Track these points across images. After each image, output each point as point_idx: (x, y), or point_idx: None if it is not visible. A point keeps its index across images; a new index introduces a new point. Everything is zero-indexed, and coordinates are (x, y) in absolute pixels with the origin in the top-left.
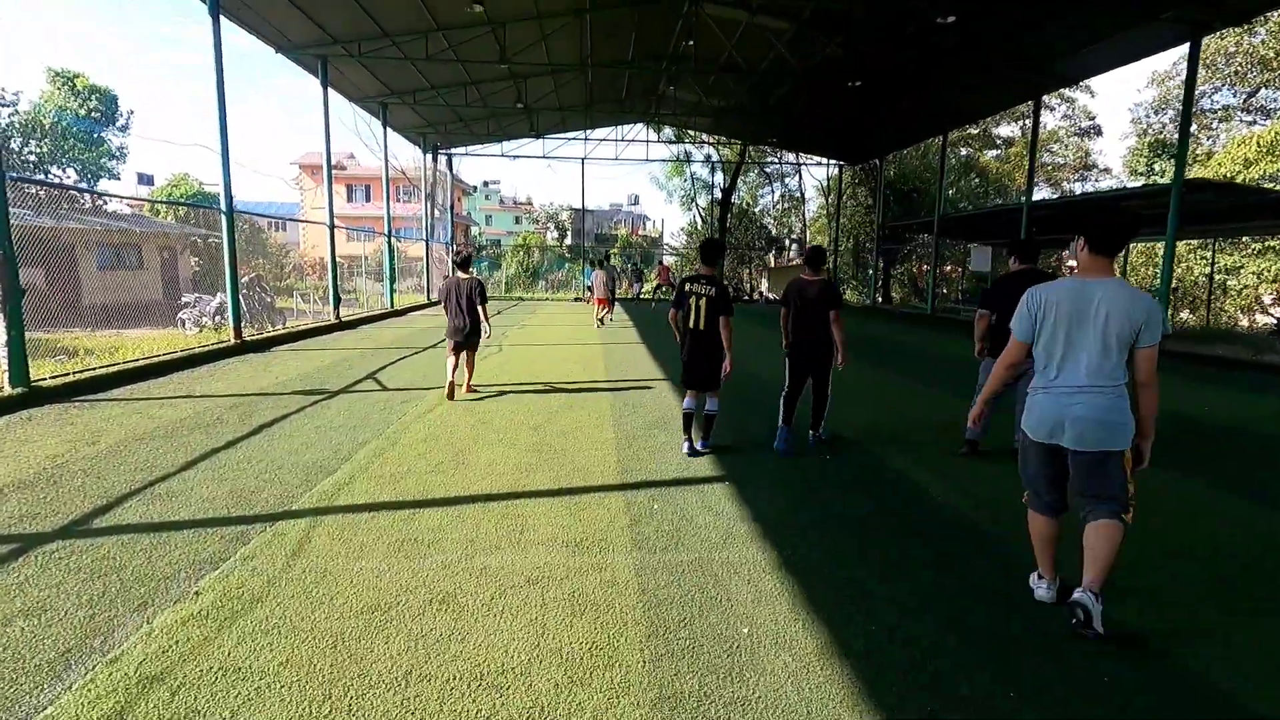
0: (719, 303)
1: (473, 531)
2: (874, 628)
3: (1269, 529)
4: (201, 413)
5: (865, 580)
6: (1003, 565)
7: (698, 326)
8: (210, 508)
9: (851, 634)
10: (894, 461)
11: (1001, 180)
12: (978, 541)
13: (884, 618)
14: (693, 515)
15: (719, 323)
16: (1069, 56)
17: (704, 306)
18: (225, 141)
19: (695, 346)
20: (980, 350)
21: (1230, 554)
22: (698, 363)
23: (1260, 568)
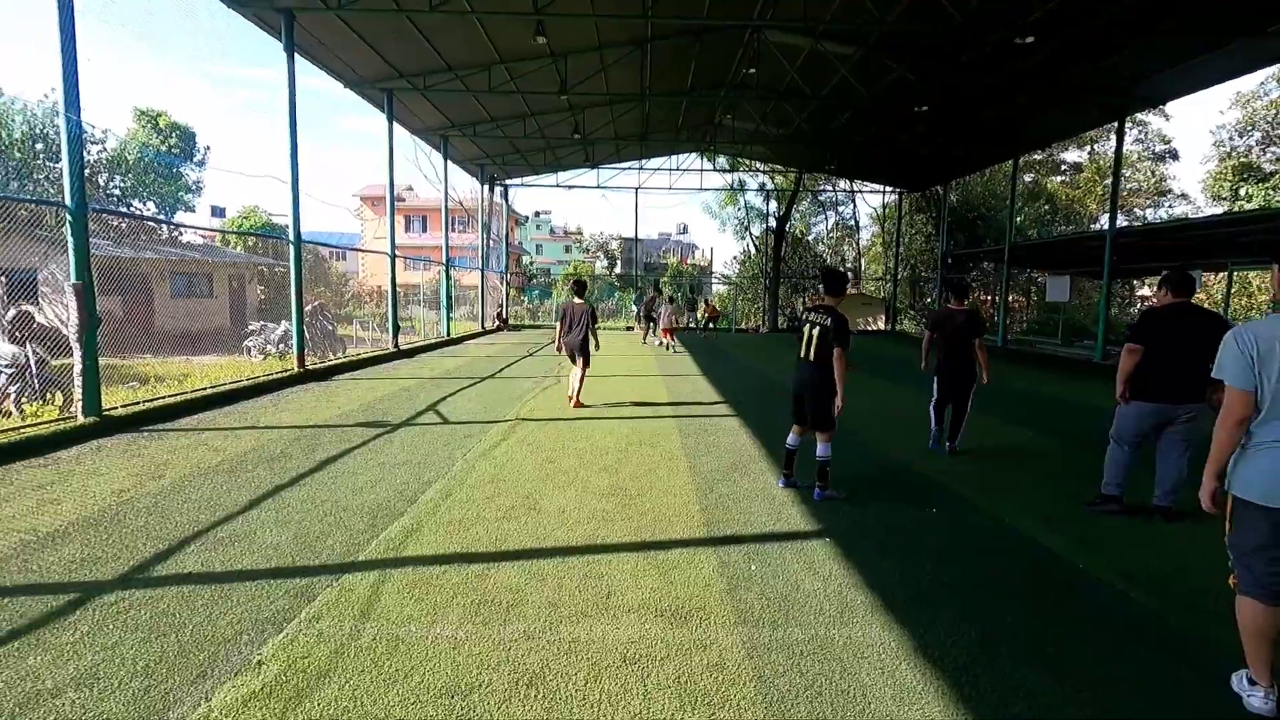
0: (834, 334)
1: (554, 593)
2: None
3: None
4: (265, 445)
5: (1024, 677)
6: (1189, 660)
7: (807, 357)
8: (274, 555)
9: None
10: (1009, 517)
11: (1072, 206)
12: (1145, 627)
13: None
14: (798, 580)
15: (831, 355)
16: (1156, 76)
17: (816, 336)
18: (295, 173)
19: (803, 379)
20: (1123, 392)
21: None
22: (804, 397)
23: None
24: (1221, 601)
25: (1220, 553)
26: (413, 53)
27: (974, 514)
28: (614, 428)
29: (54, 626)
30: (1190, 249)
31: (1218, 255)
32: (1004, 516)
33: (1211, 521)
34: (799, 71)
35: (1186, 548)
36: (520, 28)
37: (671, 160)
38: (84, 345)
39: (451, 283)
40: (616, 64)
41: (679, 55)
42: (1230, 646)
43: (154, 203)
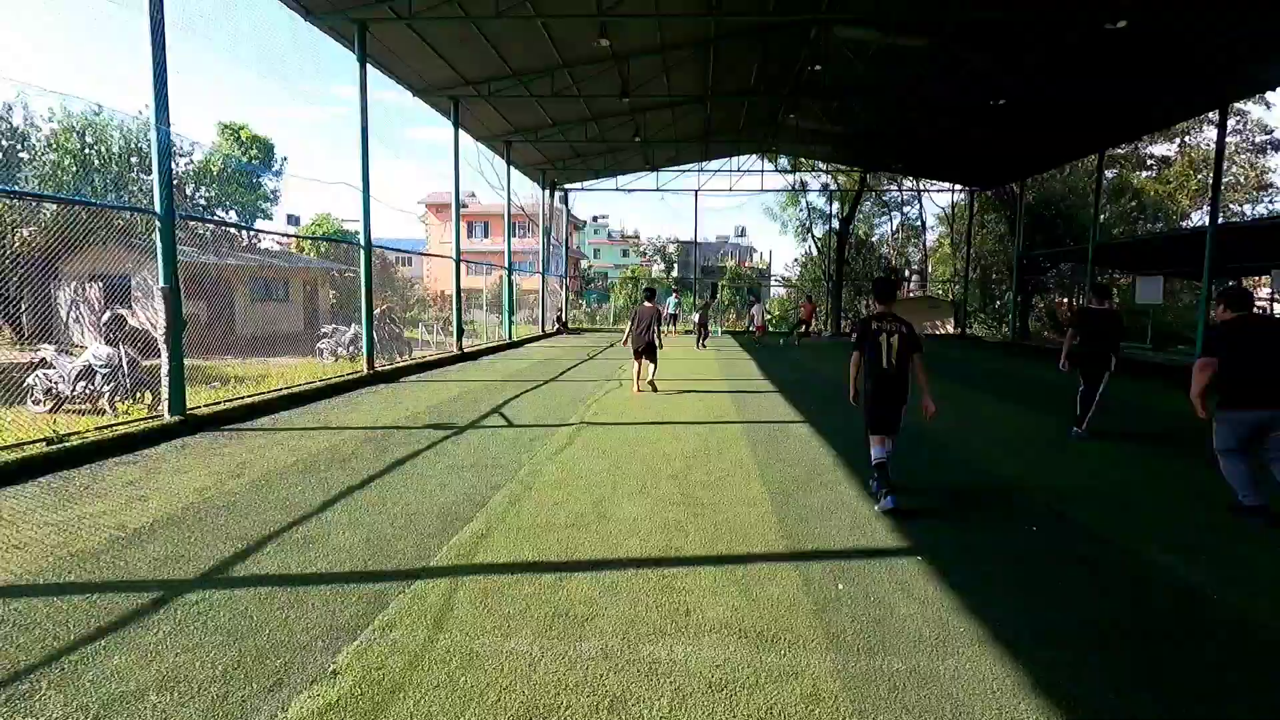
0: (911, 340)
1: (630, 608)
2: None
3: None
4: (338, 445)
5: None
6: None
7: (890, 368)
8: (348, 559)
9: None
10: (1122, 537)
11: (1161, 202)
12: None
13: None
14: (892, 603)
15: (908, 361)
16: (1264, 57)
17: (896, 345)
18: (366, 180)
19: (887, 388)
20: (1204, 407)
21: None
22: (890, 406)
23: None
24: None
25: None
26: (478, 59)
27: (1083, 535)
28: (679, 433)
29: (139, 625)
30: None
31: None
32: (1120, 538)
33: None
34: (866, 66)
35: None
36: (583, 30)
37: (732, 162)
38: (170, 347)
39: (513, 287)
40: (679, 65)
41: (742, 55)
42: None
43: (235, 211)
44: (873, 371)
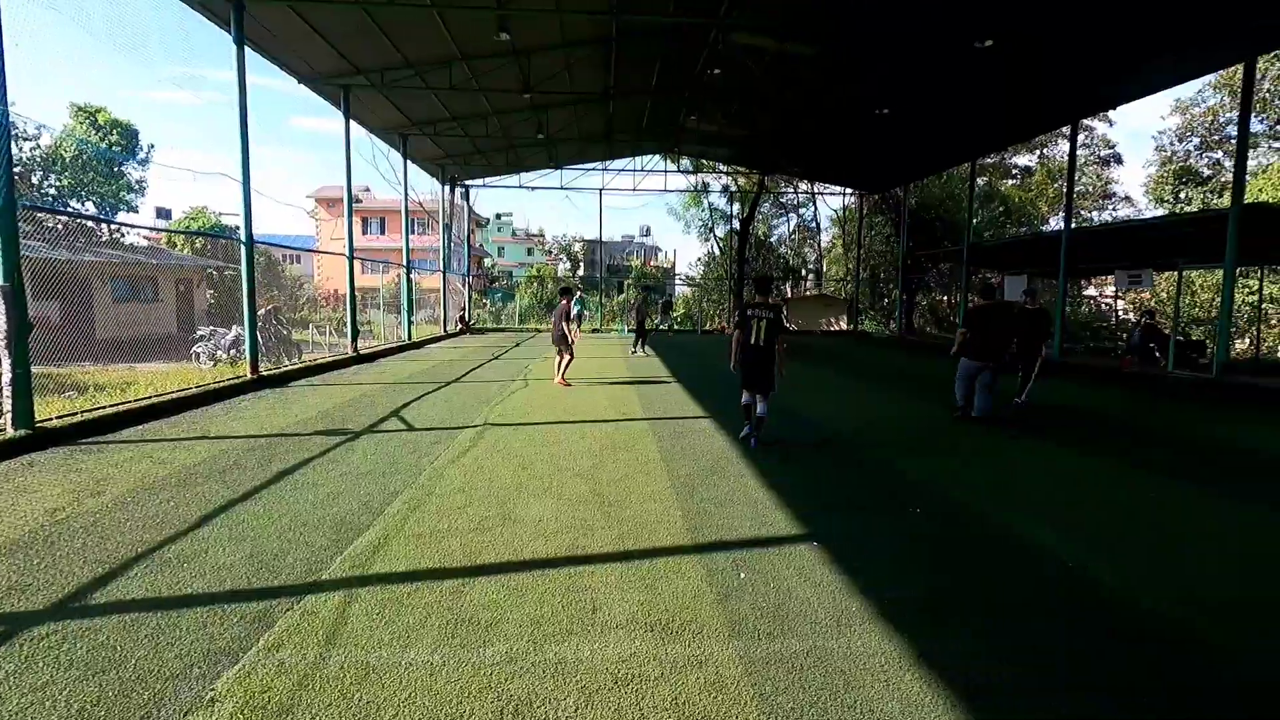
0: (776, 324)
1: (536, 610)
2: None
3: None
4: (217, 456)
5: (1044, 694)
6: (1198, 655)
7: (758, 343)
8: (228, 577)
9: None
10: (995, 514)
11: (1024, 208)
12: (1166, 634)
13: None
14: (790, 588)
15: (774, 340)
16: (1111, 78)
17: (764, 327)
18: (246, 171)
19: (755, 358)
20: (956, 353)
21: None
22: (755, 371)
23: None
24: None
25: None
26: (371, 47)
27: (964, 514)
28: (586, 430)
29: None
30: (1142, 248)
31: (1164, 255)
32: (997, 518)
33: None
34: (764, 73)
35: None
36: (483, 24)
37: (635, 161)
38: (14, 353)
39: (413, 285)
40: (580, 63)
41: (644, 55)
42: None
43: (93, 203)
44: (746, 345)
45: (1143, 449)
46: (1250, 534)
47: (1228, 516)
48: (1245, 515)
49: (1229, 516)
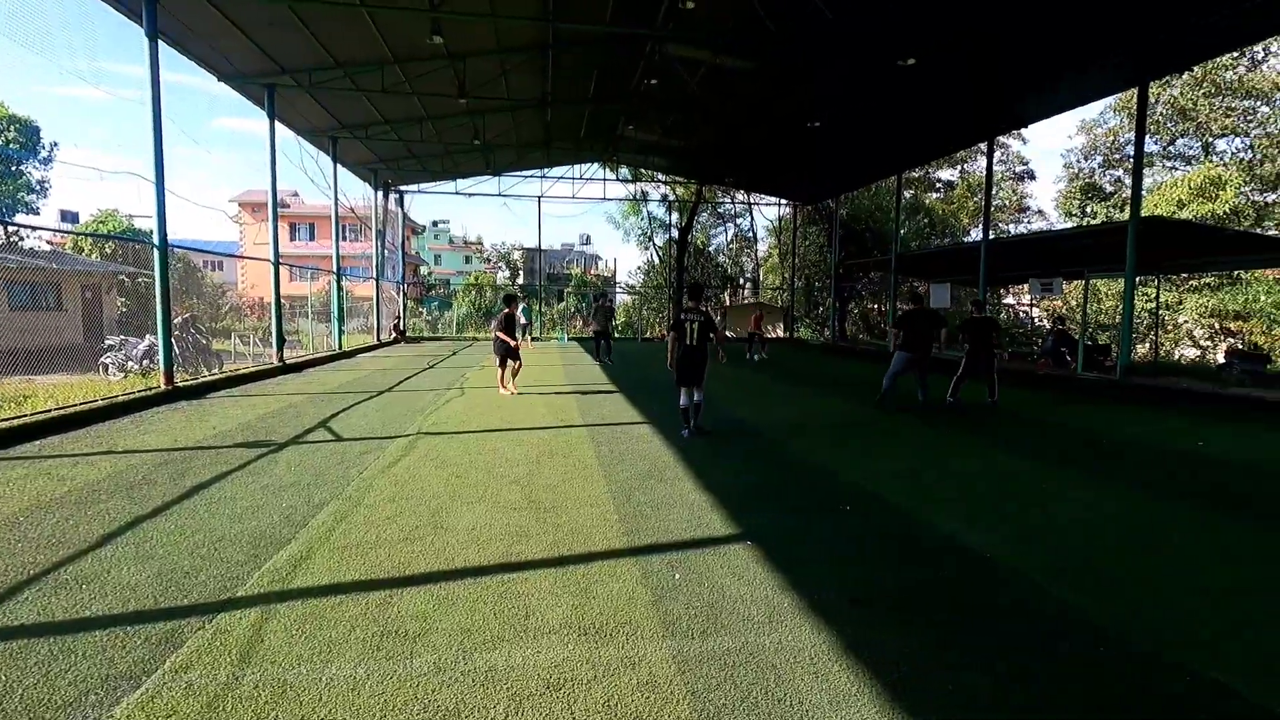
0: (707, 325)
1: (467, 619)
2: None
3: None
4: (124, 472)
5: (955, 675)
6: (1118, 645)
7: (692, 343)
8: (133, 597)
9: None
10: (928, 516)
11: (947, 220)
12: (1062, 616)
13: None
14: (724, 587)
15: (708, 338)
16: (1022, 98)
17: (696, 329)
18: (160, 170)
19: (690, 358)
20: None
21: None
22: (690, 369)
23: None
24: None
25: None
26: (297, 46)
27: (889, 511)
28: (523, 438)
29: None
30: (1053, 258)
31: (1073, 265)
32: (919, 514)
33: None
34: (699, 84)
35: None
36: (415, 26)
37: (574, 169)
38: None
39: (343, 293)
40: (517, 69)
41: (581, 64)
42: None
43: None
44: (681, 345)
45: (1040, 440)
46: (1127, 513)
47: (1113, 501)
48: (1123, 497)
49: (1114, 501)
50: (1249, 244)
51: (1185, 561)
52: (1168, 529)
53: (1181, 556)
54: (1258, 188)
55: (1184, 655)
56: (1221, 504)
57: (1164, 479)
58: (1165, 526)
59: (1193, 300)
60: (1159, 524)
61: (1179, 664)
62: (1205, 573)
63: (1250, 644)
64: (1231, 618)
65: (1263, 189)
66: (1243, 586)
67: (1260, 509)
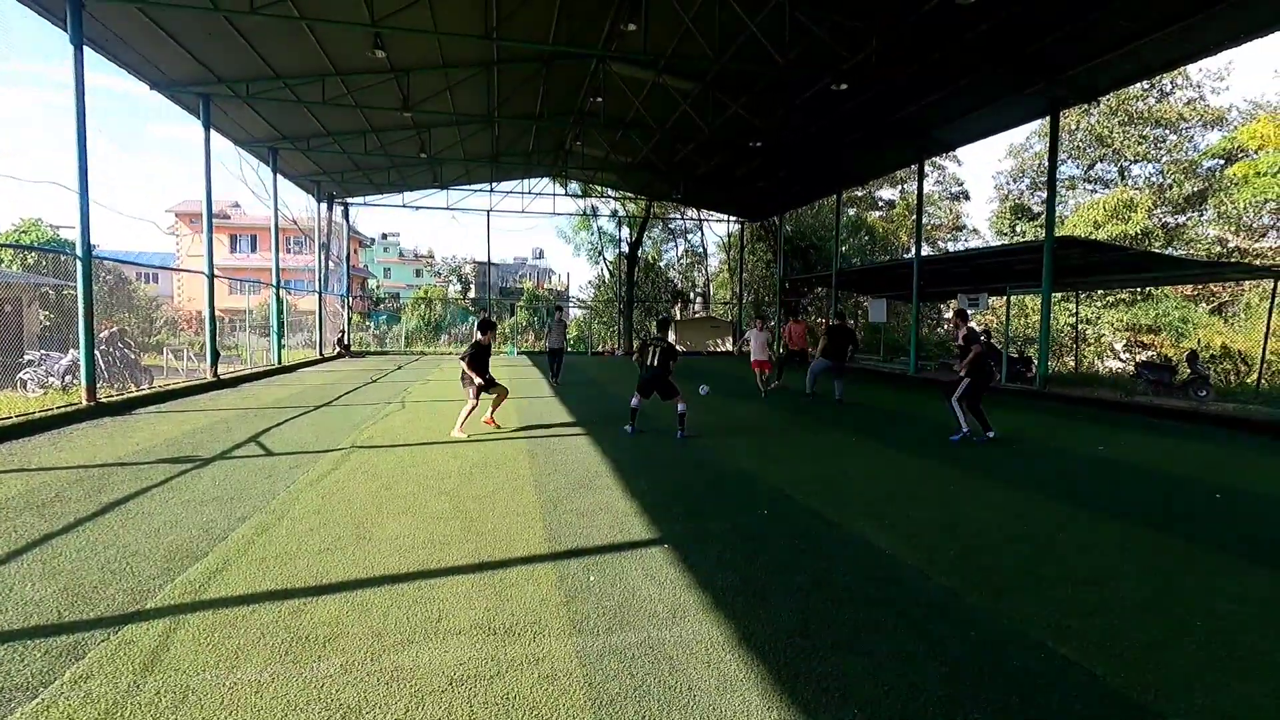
0: (668, 352)
1: (379, 623)
2: (858, 713)
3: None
4: (36, 489)
5: (836, 661)
6: (981, 629)
7: (653, 364)
8: (35, 612)
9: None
10: (838, 517)
11: (888, 238)
12: (939, 604)
13: (867, 699)
14: (635, 587)
15: (666, 363)
16: (948, 124)
17: (656, 355)
18: (84, 178)
19: (650, 377)
20: (811, 355)
21: None
22: (649, 384)
23: None
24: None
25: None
26: (233, 56)
27: (804, 514)
28: (458, 451)
29: None
30: (980, 275)
31: (1000, 281)
32: (832, 516)
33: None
34: (644, 103)
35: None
36: (357, 39)
37: (524, 184)
38: None
39: (284, 307)
40: (463, 84)
41: (528, 80)
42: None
43: None
44: (641, 368)
45: (958, 447)
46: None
47: (997, 494)
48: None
49: (999, 494)
50: (1152, 262)
51: (1056, 554)
52: (1051, 526)
53: (1058, 550)
54: (1168, 210)
55: (1041, 634)
56: (1110, 505)
57: (1058, 479)
58: (1050, 523)
59: (1110, 315)
60: (1047, 521)
61: (1039, 642)
62: (1069, 563)
63: (1105, 629)
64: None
65: (1173, 211)
66: (1105, 577)
67: (1147, 511)
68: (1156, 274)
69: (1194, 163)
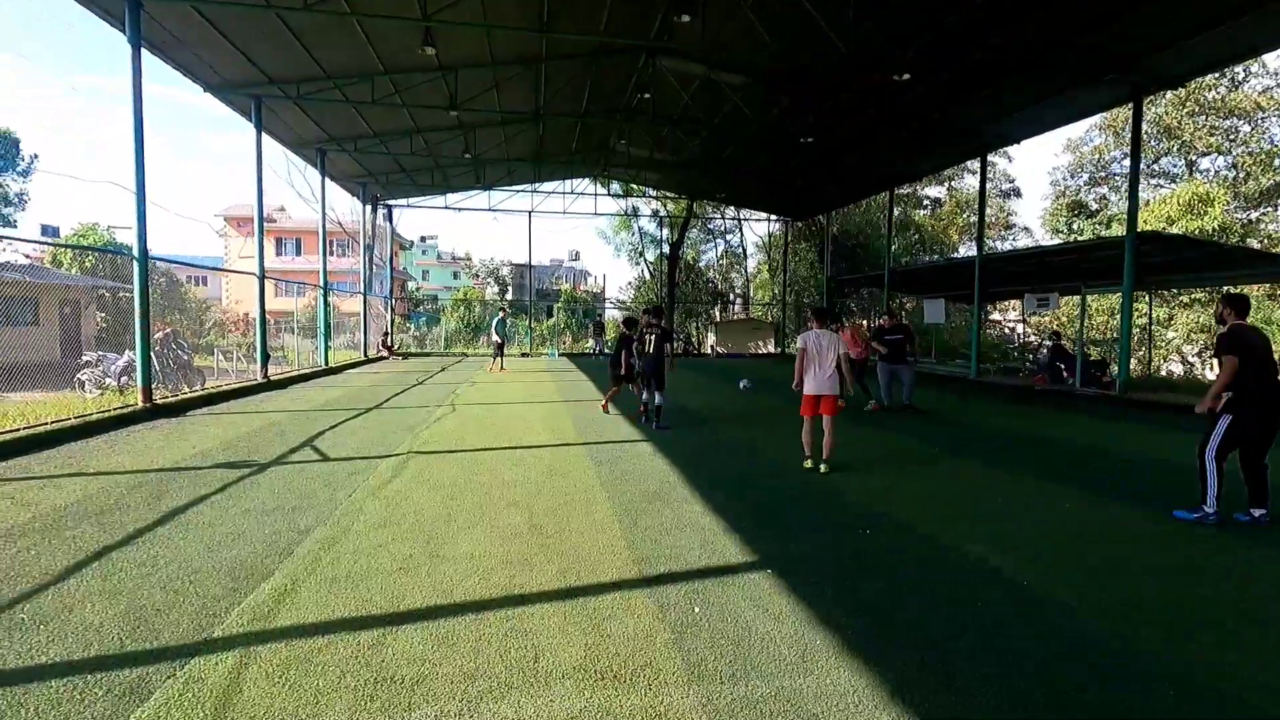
0: (662, 337)
1: (469, 662)
2: None
3: None
4: (95, 495)
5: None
6: (1137, 671)
7: (649, 352)
8: (97, 640)
9: None
10: (947, 537)
11: (937, 236)
12: (1093, 643)
13: None
14: (748, 622)
15: (661, 348)
16: (1012, 116)
17: (653, 340)
18: (141, 180)
19: (647, 364)
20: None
21: None
22: (649, 374)
23: None
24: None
25: None
26: (285, 56)
27: (909, 533)
28: (520, 458)
29: None
30: (1041, 274)
31: (1064, 280)
32: (942, 537)
33: None
34: (692, 99)
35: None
36: (407, 36)
37: (565, 184)
38: None
39: (330, 308)
40: (510, 82)
41: (574, 77)
42: None
43: None
44: (640, 355)
45: (1048, 456)
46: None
47: (1112, 512)
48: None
49: (1117, 512)
50: (1249, 258)
51: (1209, 585)
52: (1204, 556)
53: (1208, 580)
54: (1242, 205)
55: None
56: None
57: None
58: (1200, 554)
59: (1184, 316)
60: (1202, 551)
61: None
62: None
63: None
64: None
65: (1247, 206)
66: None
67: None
68: (1245, 271)
69: (1270, 154)
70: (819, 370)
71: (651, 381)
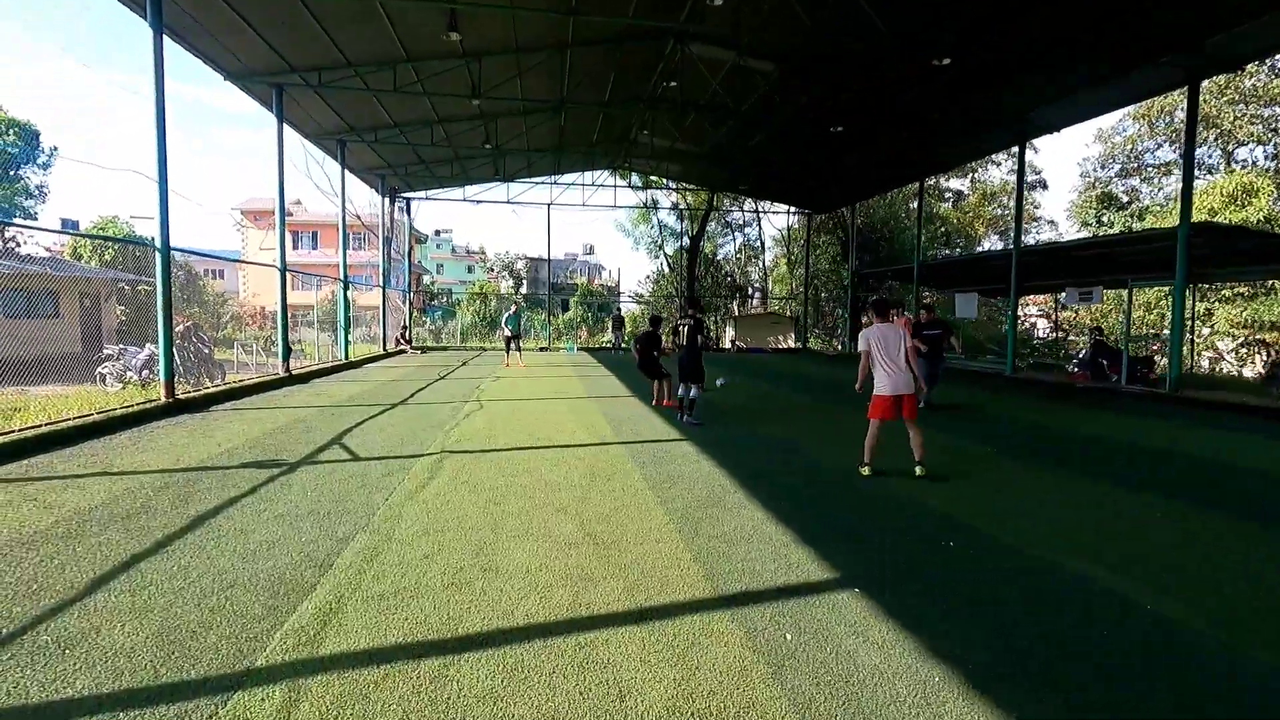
0: (696, 329)
1: (546, 699)
2: None
3: None
4: (121, 497)
5: None
6: None
7: (684, 344)
8: (127, 668)
9: None
10: (1034, 548)
11: (964, 229)
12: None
13: None
14: (850, 651)
15: (695, 339)
16: (1054, 102)
17: (686, 331)
18: (164, 168)
19: (684, 357)
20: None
21: None
22: (685, 365)
23: None
24: None
25: None
26: (306, 43)
27: (998, 547)
28: (559, 458)
29: None
30: (1072, 268)
31: (1110, 273)
32: (1034, 550)
33: None
34: (719, 85)
35: None
36: (430, 19)
37: (584, 176)
38: None
39: (349, 301)
40: (534, 69)
41: (599, 64)
42: None
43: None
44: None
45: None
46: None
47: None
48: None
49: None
50: None
51: None
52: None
53: None
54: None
55: None
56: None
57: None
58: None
59: (1224, 311)
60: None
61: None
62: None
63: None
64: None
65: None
66: None
67: None
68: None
69: None
70: (892, 368)
71: (692, 374)
